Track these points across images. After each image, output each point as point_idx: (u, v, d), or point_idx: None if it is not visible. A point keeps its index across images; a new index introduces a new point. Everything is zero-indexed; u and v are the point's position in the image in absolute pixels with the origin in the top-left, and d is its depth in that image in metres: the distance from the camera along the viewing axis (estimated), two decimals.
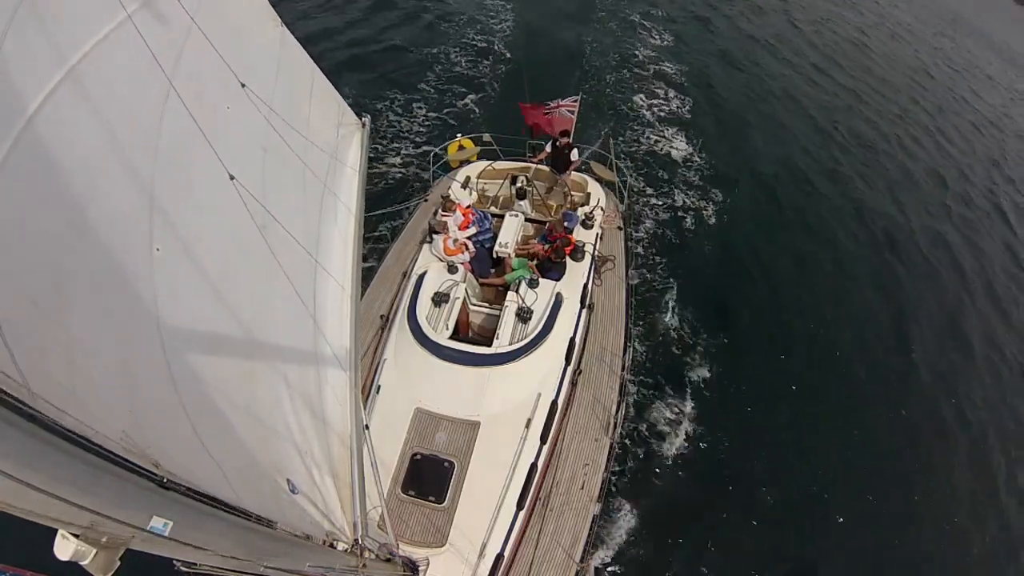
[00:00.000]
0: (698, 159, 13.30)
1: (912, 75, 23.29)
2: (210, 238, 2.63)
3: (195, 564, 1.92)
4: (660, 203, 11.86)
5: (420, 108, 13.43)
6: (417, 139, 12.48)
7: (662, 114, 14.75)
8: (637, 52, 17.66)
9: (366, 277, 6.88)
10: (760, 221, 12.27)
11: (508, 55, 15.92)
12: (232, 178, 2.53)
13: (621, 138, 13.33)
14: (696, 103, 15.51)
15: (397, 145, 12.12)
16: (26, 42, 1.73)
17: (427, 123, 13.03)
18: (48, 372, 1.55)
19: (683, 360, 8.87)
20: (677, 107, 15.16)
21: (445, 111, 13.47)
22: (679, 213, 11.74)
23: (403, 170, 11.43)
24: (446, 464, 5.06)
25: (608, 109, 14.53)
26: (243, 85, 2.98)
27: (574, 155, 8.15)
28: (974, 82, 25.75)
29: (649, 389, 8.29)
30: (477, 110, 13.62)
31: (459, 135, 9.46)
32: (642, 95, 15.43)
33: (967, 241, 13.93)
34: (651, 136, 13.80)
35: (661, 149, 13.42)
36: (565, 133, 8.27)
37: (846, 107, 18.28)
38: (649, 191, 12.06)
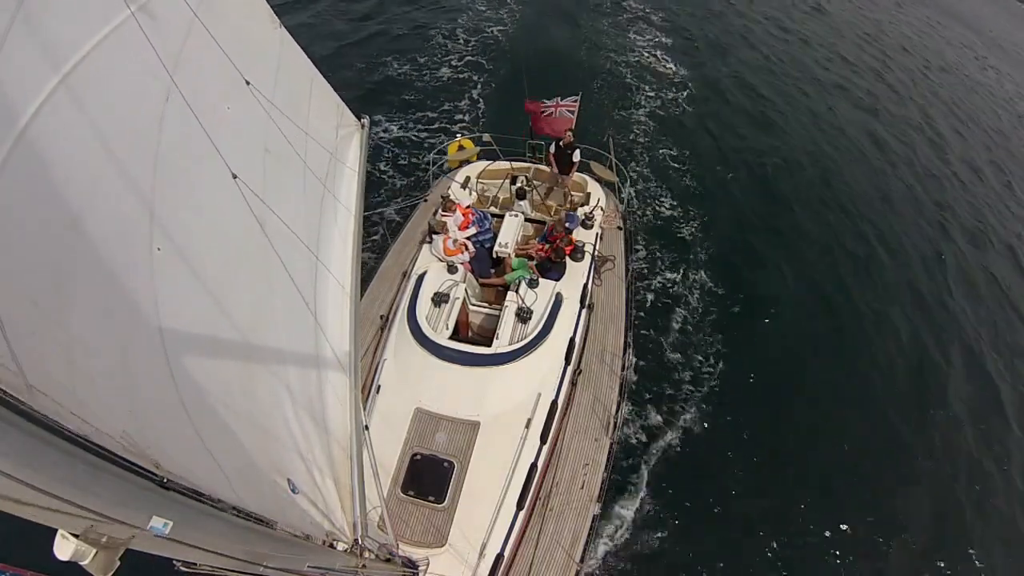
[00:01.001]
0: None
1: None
2: (210, 238, 2.63)
3: (195, 564, 1.92)
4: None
5: (418, 108, 13.43)
6: (416, 140, 12.49)
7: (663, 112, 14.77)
8: (637, 43, 17.74)
9: (366, 277, 6.89)
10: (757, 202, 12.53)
11: (507, 51, 15.93)
12: (235, 177, 2.53)
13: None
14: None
15: (395, 147, 12.13)
16: (25, 44, 1.74)
17: (426, 123, 13.04)
18: (48, 372, 1.56)
19: (684, 355, 8.90)
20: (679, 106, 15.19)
21: (444, 111, 13.48)
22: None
23: (402, 171, 11.44)
24: (446, 464, 5.06)
25: (609, 107, 14.55)
26: (248, 83, 2.98)
27: (576, 156, 8.16)
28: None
29: (649, 387, 8.31)
30: (476, 111, 13.63)
31: (459, 135, 9.46)
32: (643, 86, 15.51)
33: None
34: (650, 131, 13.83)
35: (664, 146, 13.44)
36: (567, 131, 8.27)
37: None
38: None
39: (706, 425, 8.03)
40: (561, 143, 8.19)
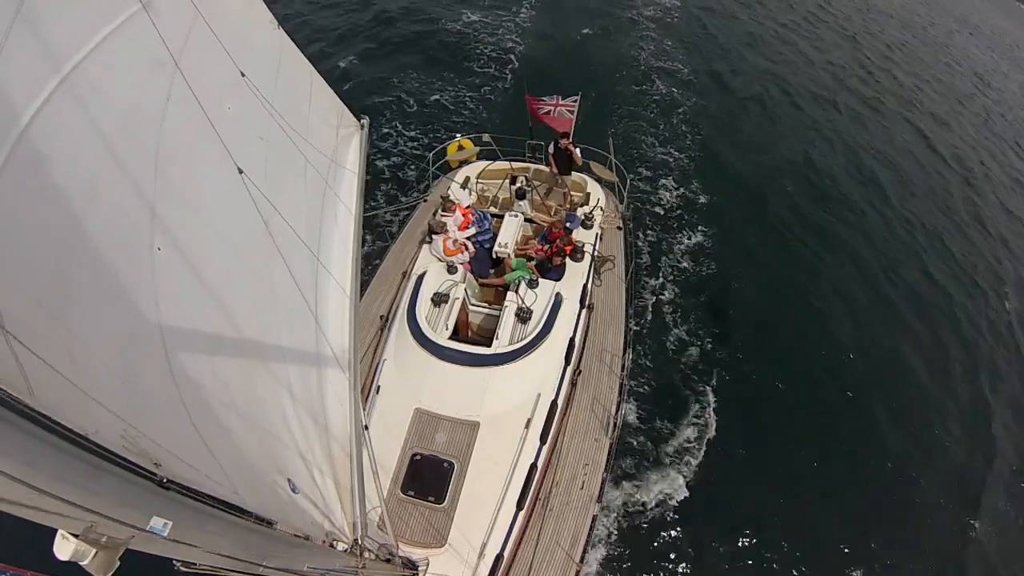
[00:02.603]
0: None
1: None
2: (211, 237, 2.63)
3: (195, 564, 1.93)
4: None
5: (418, 108, 13.44)
6: (415, 140, 12.50)
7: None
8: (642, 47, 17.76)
9: (366, 277, 6.89)
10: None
11: (509, 51, 15.93)
12: (241, 172, 2.54)
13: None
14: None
15: (395, 147, 12.13)
16: (26, 44, 1.74)
17: (426, 122, 13.05)
18: (51, 371, 1.56)
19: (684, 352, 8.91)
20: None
21: (444, 110, 13.49)
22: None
23: (402, 171, 11.45)
24: (446, 464, 5.06)
25: (610, 107, 14.54)
26: (243, 74, 2.99)
27: (576, 155, 8.15)
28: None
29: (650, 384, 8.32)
30: (477, 110, 13.63)
31: (458, 135, 9.45)
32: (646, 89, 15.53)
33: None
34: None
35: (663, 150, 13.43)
36: (565, 134, 8.27)
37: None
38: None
39: (711, 423, 8.04)
40: (560, 143, 8.19)
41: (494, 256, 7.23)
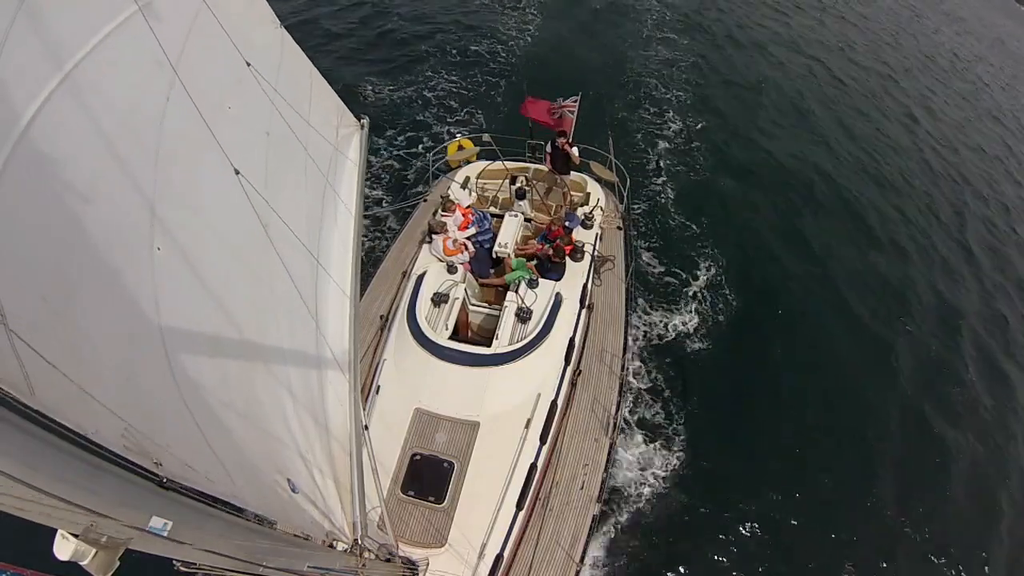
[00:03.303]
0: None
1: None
2: (211, 237, 2.63)
3: (195, 564, 1.92)
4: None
5: (418, 108, 13.43)
6: (415, 140, 12.49)
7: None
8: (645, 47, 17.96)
9: (366, 277, 6.89)
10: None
11: (509, 52, 15.94)
12: (237, 172, 2.53)
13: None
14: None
15: (394, 148, 12.12)
16: (27, 42, 1.74)
17: (426, 123, 13.04)
18: (52, 370, 1.55)
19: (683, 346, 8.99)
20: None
21: (444, 110, 13.47)
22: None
23: (402, 172, 11.43)
24: (446, 464, 5.06)
25: (610, 108, 14.53)
26: (248, 64, 2.98)
27: (575, 154, 8.14)
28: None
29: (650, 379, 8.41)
30: (477, 111, 13.62)
31: (458, 135, 9.45)
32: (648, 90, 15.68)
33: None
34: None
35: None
36: (563, 134, 8.27)
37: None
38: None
39: (710, 420, 8.05)
40: (558, 142, 8.19)
41: (494, 256, 7.23)
